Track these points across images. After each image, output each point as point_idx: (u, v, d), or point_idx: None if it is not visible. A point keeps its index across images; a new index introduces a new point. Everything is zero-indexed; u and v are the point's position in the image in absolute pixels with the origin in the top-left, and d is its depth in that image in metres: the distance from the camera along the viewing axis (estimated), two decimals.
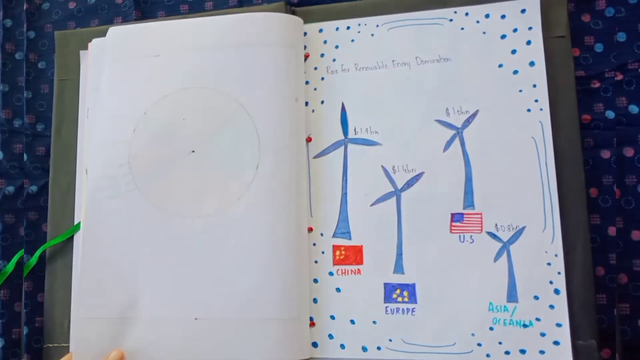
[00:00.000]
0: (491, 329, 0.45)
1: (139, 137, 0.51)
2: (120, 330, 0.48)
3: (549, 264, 0.45)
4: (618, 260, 0.47)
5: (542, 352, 0.44)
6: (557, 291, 0.45)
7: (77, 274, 0.53)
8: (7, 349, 0.56)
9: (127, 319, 0.49)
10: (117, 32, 0.54)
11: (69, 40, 0.58)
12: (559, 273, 0.45)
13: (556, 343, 0.44)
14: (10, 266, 0.55)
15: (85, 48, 0.57)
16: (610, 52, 0.50)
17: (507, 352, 0.45)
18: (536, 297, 0.45)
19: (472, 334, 0.45)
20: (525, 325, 0.45)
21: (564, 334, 0.44)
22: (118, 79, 0.53)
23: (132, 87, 0.52)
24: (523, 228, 0.46)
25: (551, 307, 0.45)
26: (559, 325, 0.44)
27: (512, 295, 0.46)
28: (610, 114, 0.49)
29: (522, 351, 0.45)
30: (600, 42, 0.51)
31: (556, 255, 0.45)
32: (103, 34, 0.55)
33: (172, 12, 0.59)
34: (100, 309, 0.49)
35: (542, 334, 0.45)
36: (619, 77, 0.49)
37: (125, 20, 0.60)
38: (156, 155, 0.51)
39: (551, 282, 0.45)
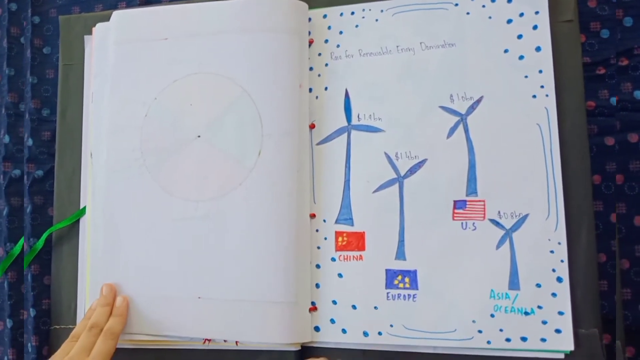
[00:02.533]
0: (492, 316, 0.45)
1: (149, 122, 0.52)
2: (131, 307, 0.50)
3: (551, 251, 0.45)
4: (620, 245, 0.47)
5: (543, 339, 0.44)
6: (559, 279, 0.45)
7: (84, 257, 0.54)
8: (15, 330, 0.57)
9: (135, 297, 0.50)
10: (123, 15, 0.54)
11: (74, 25, 0.58)
12: (562, 261, 0.45)
13: (558, 331, 0.44)
14: (40, 243, 0.56)
15: (90, 33, 0.57)
16: (615, 38, 0.50)
17: (508, 339, 0.45)
18: (538, 285, 0.45)
19: (473, 321, 0.46)
20: (526, 313, 0.45)
21: (566, 322, 0.44)
22: (126, 62, 0.53)
23: (141, 71, 0.53)
24: (526, 215, 0.46)
25: (553, 295, 0.45)
26: (561, 313, 0.44)
27: (514, 283, 0.45)
28: (614, 101, 0.49)
29: (523, 338, 0.44)
30: (606, 28, 0.50)
31: (559, 243, 0.45)
32: (107, 18, 0.55)
33: None
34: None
35: (544, 322, 0.44)
36: (624, 62, 0.49)
37: (130, 5, 0.60)
38: (165, 140, 0.51)
39: (554, 270, 0.45)
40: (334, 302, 0.48)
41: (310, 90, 0.52)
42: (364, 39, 0.51)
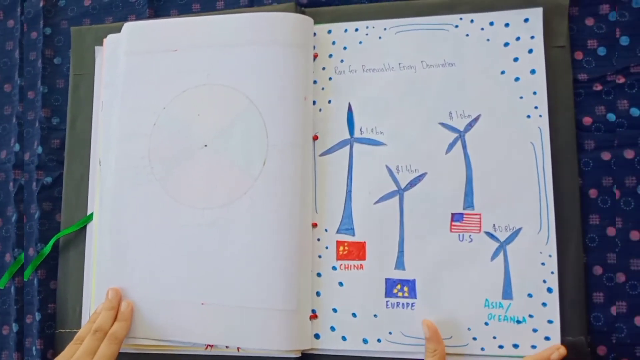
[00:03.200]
0: (486, 324, 0.47)
1: (158, 131, 0.53)
2: (135, 311, 0.51)
3: (543, 263, 0.47)
4: (616, 259, 0.48)
5: (533, 346, 0.46)
6: (549, 290, 0.47)
7: (90, 262, 0.55)
8: (20, 334, 0.58)
9: (140, 301, 0.51)
10: (135, 26, 0.55)
11: (85, 36, 0.60)
12: (552, 273, 0.47)
13: (547, 338, 0.46)
14: (47, 248, 0.57)
15: (100, 44, 0.58)
16: (612, 56, 0.51)
17: (500, 346, 0.47)
18: (530, 295, 0.47)
19: (468, 329, 0.47)
20: (518, 321, 0.47)
21: (555, 330, 0.46)
22: (137, 72, 0.54)
23: (151, 81, 0.54)
24: (519, 229, 0.48)
25: (544, 304, 0.47)
26: (550, 322, 0.46)
27: (507, 293, 0.47)
28: (612, 117, 0.50)
29: (515, 345, 0.46)
30: (603, 45, 0.51)
31: (550, 256, 0.47)
32: (118, 30, 0.57)
33: (184, 10, 0.60)
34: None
35: (534, 330, 0.46)
36: (621, 80, 0.50)
37: (139, 18, 0.61)
38: (173, 149, 0.52)
39: (544, 281, 0.47)
40: (334, 310, 0.49)
41: (314, 103, 0.53)
42: (367, 55, 0.53)
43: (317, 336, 0.49)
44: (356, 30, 0.54)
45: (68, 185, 0.58)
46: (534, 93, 0.49)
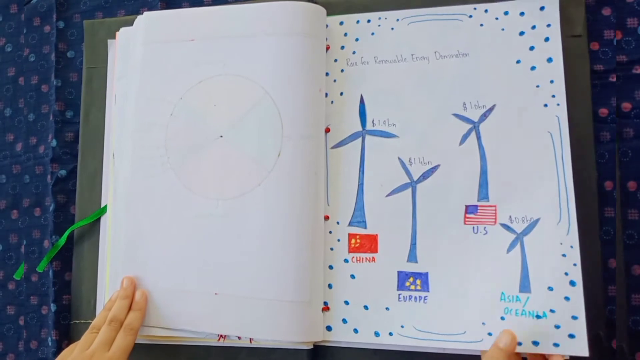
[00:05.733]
0: (502, 318, 0.45)
1: (175, 121, 0.53)
2: (149, 300, 0.51)
3: (564, 255, 0.44)
4: (632, 252, 0.47)
5: (556, 344, 0.43)
6: (572, 283, 0.44)
7: (104, 254, 0.56)
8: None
9: (154, 290, 0.51)
10: (152, 16, 0.55)
11: (97, 30, 0.60)
12: (575, 265, 0.44)
13: (571, 336, 0.43)
14: (62, 240, 0.57)
15: (113, 37, 0.59)
16: (629, 46, 0.50)
17: (519, 343, 0.43)
18: (550, 289, 0.44)
19: (483, 323, 0.45)
20: (538, 316, 0.44)
21: (580, 327, 0.42)
22: (154, 62, 0.54)
23: (168, 71, 0.54)
24: (537, 220, 0.46)
25: (566, 298, 0.44)
26: (574, 317, 0.43)
27: (524, 286, 0.45)
28: (628, 108, 0.49)
29: (535, 343, 0.43)
30: (619, 36, 0.50)
31: (572, 247, 0.44)
32: (130, 23, 0.57)
33: (196, 3, 0.60)
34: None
35: (557, 326, 0.43)
36: (638, 70, 0.49)
37: (151, 10, 0.61)
38: (189, 139, 0.53)
39: (567, 274, 0.44)
40: (346, 303, 0.49)
41: (326, 95, 0.53)
42: (380, 46, 0.52)
43: (329, 328, 0.49)
44: (368, 21, 0.53)
45: (82, 177, 0.58)
46: (551, 81, 0.48)
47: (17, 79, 0.64)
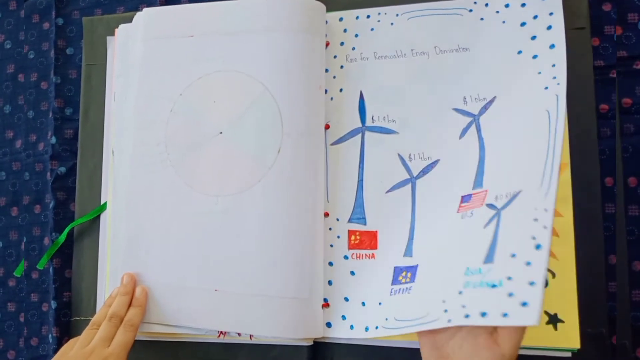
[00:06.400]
0: (460, 292, 0.39)
1: (175, 117, 0.53)
2: (149, 296, 0.51)
3: (535, 219, 0.38)
4: (632, 248, 0.47)
5: (505, 314, 0.35)
6: (538, 246, 0.36)
7: (104, 251, 0.56)
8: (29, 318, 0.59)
9: (154, 286, 0.51)
10: (152, 12, 0.55)
11: (96, 26, 0.60)
12: (545, 227, 0.37)
13: (524, 304, 0.35)
14: (62, 237, 0.58)
15: (112, 34, 0.59)
16: (630, 42, 0.50)
17: (467, 316, 0.37)
18: (513, 255, 0.37)
19: (443, 301, 0.40)
20: (493, 286, 0.37)
21: (535, 294, 0.35)
22: (154, 58, 0.54)
23: (168, 67, 0.54)
24: (519, 192, 0.40)
25: (527, 263, 0.36)
26: (532, 284, 0.35)
27: (489, 257, 0.39)
28: (628, 103, 0.49)
29: (483, 314, 0.36)
30: (620, 31, 0.50)
31: (546, 210, 0.37)
32: (129, 20, 0.57)
33: None
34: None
35: (510, 294, 0.36)
36: (639, 65, 0.49)
37: (150, 7, 0.61)
38: (189, 136, 0.52)
39: (534, 238, 0.37)
40: (346, 299, 0.49)
41: (326, 91, 0.53)
42: (379, 42, 0.52)
43: (328, 325, 0.49)
44: (368, 17, 0.53)
45: (82, 174, 0.58)
46: (553, 65, 0.45)
47: (17, 76, 0.64)
